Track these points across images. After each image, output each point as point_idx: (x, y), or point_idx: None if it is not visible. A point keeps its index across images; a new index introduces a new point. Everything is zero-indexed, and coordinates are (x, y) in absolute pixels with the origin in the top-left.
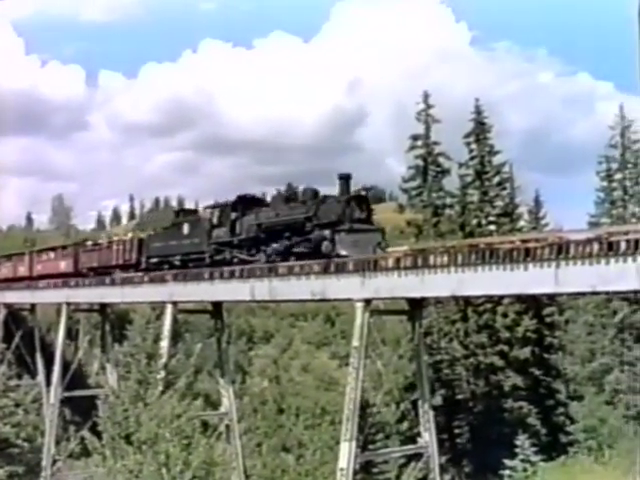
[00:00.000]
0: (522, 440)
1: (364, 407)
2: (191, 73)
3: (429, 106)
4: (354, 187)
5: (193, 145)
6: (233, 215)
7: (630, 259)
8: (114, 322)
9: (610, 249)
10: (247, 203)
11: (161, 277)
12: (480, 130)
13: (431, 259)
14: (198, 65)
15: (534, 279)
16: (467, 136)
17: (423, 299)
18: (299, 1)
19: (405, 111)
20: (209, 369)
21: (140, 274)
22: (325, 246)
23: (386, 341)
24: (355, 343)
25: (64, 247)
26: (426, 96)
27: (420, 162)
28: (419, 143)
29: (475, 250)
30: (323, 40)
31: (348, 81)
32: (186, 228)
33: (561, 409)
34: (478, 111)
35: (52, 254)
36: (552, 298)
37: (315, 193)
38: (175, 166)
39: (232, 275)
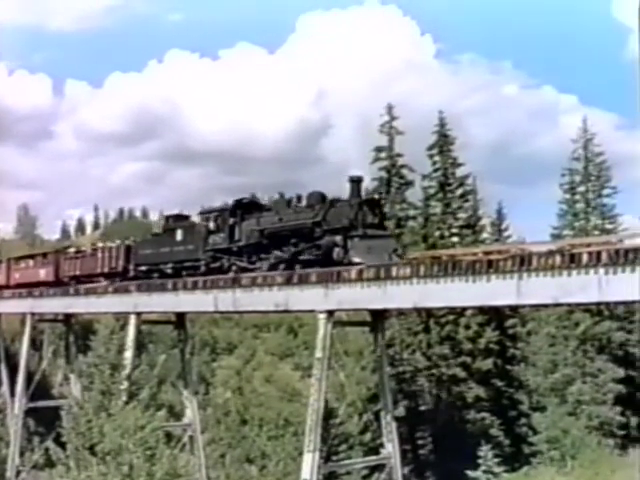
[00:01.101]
0: (485, 451)
1: (327, 418)
2: (157, 83)
3: (393, 118)
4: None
5: (158, 155)
6: (231, 220)
7: (592, 271)
8: (78, 332)
9: (572, 261)
10: (246, 207)
11: (125, 287)
12: (444, 142)
13: (393, 271)
14: (164, 75)
15: (496, 291)
16: (431, 148)
17: (385, 310)
18: (265, 13)
19: (369, 123)
20: (172, 380)
21: (104, 284)
22: (337, 253)
23: (349, 352)
24: (318, 354)
25: (44, 254)
26: (390, 108)
27: (384, 174)
28: (383, 155)
29: (437, 262)
30: (288, 51)
31: (313, 93)
32: (179, 234)
33: (524, 420)
34: (442, 123)
35: (31, 262)
36: (514, 310)
37: (322, 196)
38: (140, 176)
39: (195, 286)
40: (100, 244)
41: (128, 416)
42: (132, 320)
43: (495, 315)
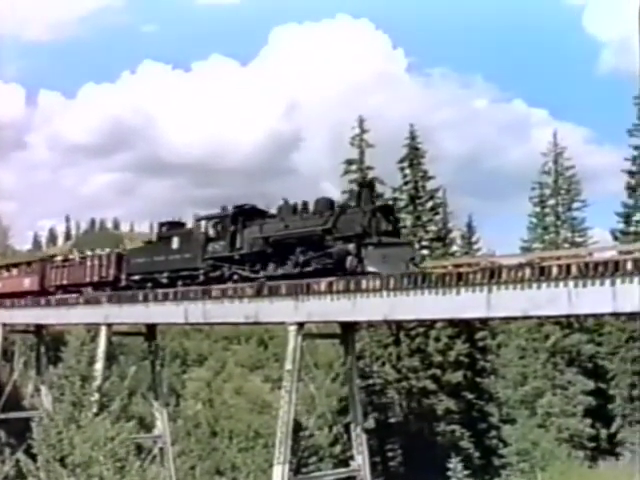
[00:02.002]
0: (454, 463)
1: (297, 430)
2: (130, 94)
3: (364, 131)
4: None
5: (130, 166)
6: (232, 227)
7: (561, 284)
8: (49, 344)
9: (542, 274)
10: (248, 214)
11: (96, 299)
12: (414, 155)
13: (363, 283)
14: (137, 86)
15: (466, 303)
16: (401, 161)
17: (355, 323)
18: (238, 25)
19: (341, 136)
20: (143, 392)
21: (75, 295)
22: (350, 262)
23: (319, 364)
24: (288, 366)
25: (29, 263)
26: (361, 121)
27: (354, 186)
28: (353, 167)
29: (407, 274)
30: (261, 64)
31: (285, 105)
32: (176, 242)
33: (494, 432)
34: (412, 136)
35: (15, 270)
36: (484, 322)
37: (331, 203)
38: (112, 187)
39: (166, 297)
40: (89, 252)
41: (98, 428)
42: (103, 331)
43: (465, 327)
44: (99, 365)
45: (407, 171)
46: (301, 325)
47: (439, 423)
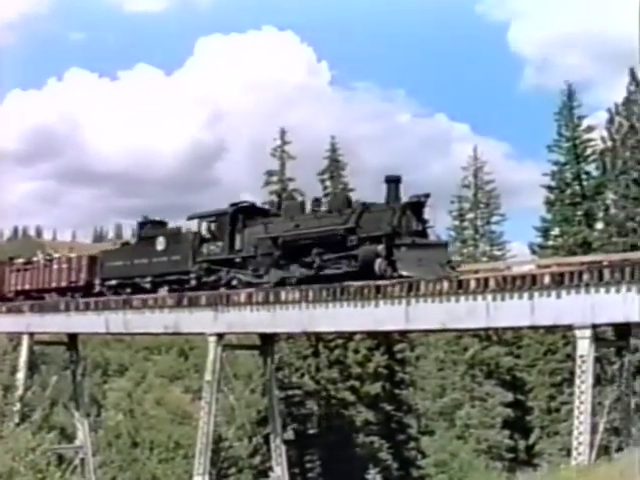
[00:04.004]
0: (373, 474)
1: (217, 441)
2: (56, 102)
3: (285, 142)
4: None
5: (55, 175)
6: (231, 227)
7: (480, 297)
8: None
9: (460, 287)
10: (248, 212)
11: (18, 308)
12: (335, 167)
13: (282, 295)
14: (63, 94)
15: (385, 316)
16: (322, 173)
17: (275, 334)
18: (165, 35)
19: (263, 147)
20: (64, 402)
21: None
22: (379, 265)
23: (239, 375)
24: (208, 377)
25: None
26: (283, 132)
27: (275, 198)
28: (274, 179)
29: (326, 287)
30: (186, 74)
31: (209, 116)
32: (161, 243)
33: (412, 443)
34: (333, 148)
35: None
36: (403, 334)
37: (348, 200)
38: (35, 195)
39: (87, 307)
40: (57, 254)
41: (19, 438)
42: (25, 341)
43: (384, 339)
44: (21, 375)
45: (327, 183)
46: (221, 336)
47: (358, 434)
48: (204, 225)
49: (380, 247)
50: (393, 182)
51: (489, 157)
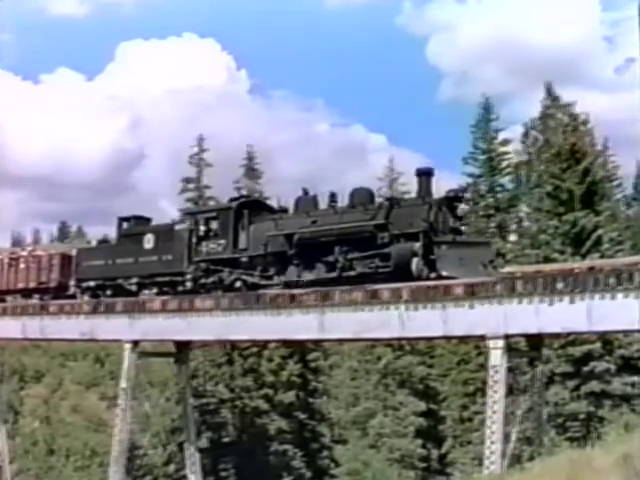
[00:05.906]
0: None
1: (132, 449)
2: None
3: (202, 150)
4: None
5: None
6: (235, 223)
7: (393, 307)
8: None
9: (373, 297)
10: (254, 208)
11: None
12: (251, 176)
13: (197, 302)
14: None
15: (299, 325)
16: (238, 181)
17: (189, 342)
18: (86, 39)
19: (181, 154)
20: None
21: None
22: (416, 264)
23: (154, 383)
24: (123, 384)
25: None
26: (200, 140)
27: (191, 205)
28: (191, 186)
29: (240, 295)
30: (107, 79)
31: (129, 122)
32: (149, 240)
33: (325, 452)
34: (250, 157)
35: None
36: (317, 343)
37: (371, 194)
38: None
39: (4, 312)
40: (23, 252)
41: None
42: None
43: (298, 348)
44: None
45: (243, 191)
46: (136, 343)
47: (272, 443)
48: (202, 221)
49: (417, 245)
50: (425, 175)
51: (405, 168)
